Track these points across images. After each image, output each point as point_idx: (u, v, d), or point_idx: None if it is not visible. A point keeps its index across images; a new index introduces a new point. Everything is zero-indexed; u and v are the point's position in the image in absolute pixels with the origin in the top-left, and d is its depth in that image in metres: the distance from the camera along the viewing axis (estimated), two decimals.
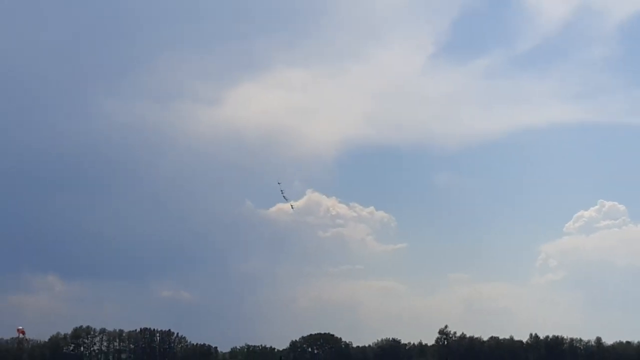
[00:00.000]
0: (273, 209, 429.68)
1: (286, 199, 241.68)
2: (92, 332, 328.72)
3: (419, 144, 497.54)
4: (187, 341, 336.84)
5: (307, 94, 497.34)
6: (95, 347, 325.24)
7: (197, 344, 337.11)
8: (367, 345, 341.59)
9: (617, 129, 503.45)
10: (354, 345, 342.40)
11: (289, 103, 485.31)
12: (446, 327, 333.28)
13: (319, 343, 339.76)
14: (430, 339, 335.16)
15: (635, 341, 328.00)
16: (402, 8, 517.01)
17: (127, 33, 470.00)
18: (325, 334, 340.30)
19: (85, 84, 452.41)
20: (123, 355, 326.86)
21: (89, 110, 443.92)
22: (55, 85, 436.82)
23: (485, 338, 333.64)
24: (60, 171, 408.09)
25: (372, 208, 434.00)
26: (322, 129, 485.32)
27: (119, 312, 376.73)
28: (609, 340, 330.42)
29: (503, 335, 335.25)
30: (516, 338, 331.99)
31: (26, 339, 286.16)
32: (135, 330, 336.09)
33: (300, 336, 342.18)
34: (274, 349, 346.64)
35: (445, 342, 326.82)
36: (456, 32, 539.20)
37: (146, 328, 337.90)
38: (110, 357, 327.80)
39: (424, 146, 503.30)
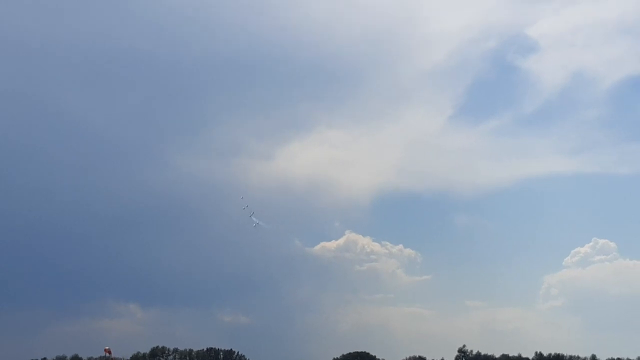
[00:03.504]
0: (317, 247, 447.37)
1: (253, 218, 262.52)
2: (166, 351, 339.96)
3: (440, 191, 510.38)
4: (246, 359, 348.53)
5: (346, 149, 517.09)
6: None
7: None
8: None
9: (608, 178, 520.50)
10: None
11: (330, 157, 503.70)
12: (464, 346, 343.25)
13: None
14: (450, 357, 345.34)
15: (625, 358, 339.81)
16: (425, 77, 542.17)
17: (196, 99, 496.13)
18: (362, 352, 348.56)
19: (161, 142, 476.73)
20: None
21: (165, 164, 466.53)
22: (137, 143, 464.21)
23: (497, 355, 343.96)
24: (141, 216, 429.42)
25: (401, 246, 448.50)
26: (359, 179, 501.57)
27: (189, 334, 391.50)
28: (602, 357, 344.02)
29: (512, 353, 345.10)
30: (524, 355, 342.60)
31: (112, 358, 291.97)
32: (203, 349, 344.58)
33: (341, 354, 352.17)
34: None
35: (464, 359, 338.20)
36: (470, 97, 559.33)
37: (211, 348, 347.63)
38: None
39: (445, 193, 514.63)
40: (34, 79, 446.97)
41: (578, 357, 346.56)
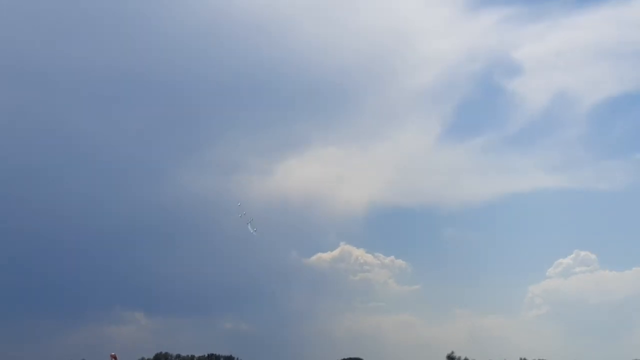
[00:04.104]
0: (314, 257, 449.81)
1: (247, 223, 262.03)
2: (169, 357, 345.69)
3: (430, 205, 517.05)
4: None
5: (340, 166, 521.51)
6: None
7: None
8: None
9: (588, 193, 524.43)
10: None
11: (325, 173, 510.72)
12: (452, 352, 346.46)
13: None
14: None
15: None
16: (416, 97, 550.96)
17: (198, 119, 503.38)
18: (355, 358, 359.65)
19: (162, 160, 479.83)
20: None
21: (168, 181, 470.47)
22: (142, 162, 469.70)
23: None
24: (145, 230, 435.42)
25: (392, 257, 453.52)
26: (353, 194, 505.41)
27: (191, 341, 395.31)
28: None
29: (498, 359, 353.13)
30: None
31: None
32: (204, 355, 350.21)
33: None
34: None
35: None
36: (458, 116, 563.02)
37: (212, 354, 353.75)
38: None
39: (434, 207, 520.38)
40: (41, 101, 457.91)
41: None
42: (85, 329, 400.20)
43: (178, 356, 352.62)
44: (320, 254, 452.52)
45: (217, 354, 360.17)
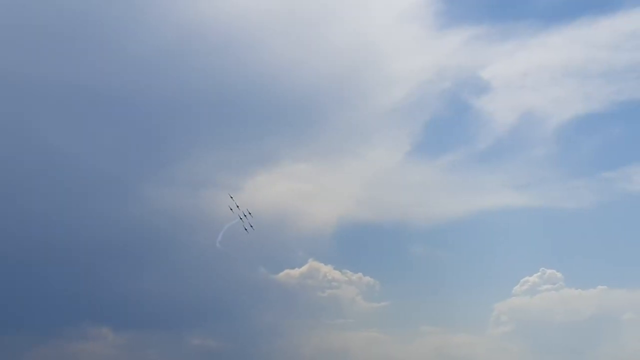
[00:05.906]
0: (282, 274, 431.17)
1: (241, 218, 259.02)
2: None
3: (398, 222, 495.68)
4: None
5: (309, 183, 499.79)
6: None
7: None
8: None
9: (554, 212, 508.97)
10: None
11: (294, 190, 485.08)
12: None
13: None
14: None
15: None
16: (385, 115, 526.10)
17: (166, 134, 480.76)
18: None
19: (129, 175, 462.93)
20: None
21: (132, 196, 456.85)
22: (107, 178, 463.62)
23: None
24: (112, 245, 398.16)
25: (360, 274, 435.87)
26: (321, 211, 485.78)
27: (159, 357, 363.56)
28: None
29: None
30: None
31: None
32: None
33: None
34: None
35: None
36: (427, 134, 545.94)
37: None
38: None
39: (402, 224, 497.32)
40: (6, 114, 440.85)
41: None
42: (51, 345, 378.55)
43: None
44: (288, 270, 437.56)
45: None
